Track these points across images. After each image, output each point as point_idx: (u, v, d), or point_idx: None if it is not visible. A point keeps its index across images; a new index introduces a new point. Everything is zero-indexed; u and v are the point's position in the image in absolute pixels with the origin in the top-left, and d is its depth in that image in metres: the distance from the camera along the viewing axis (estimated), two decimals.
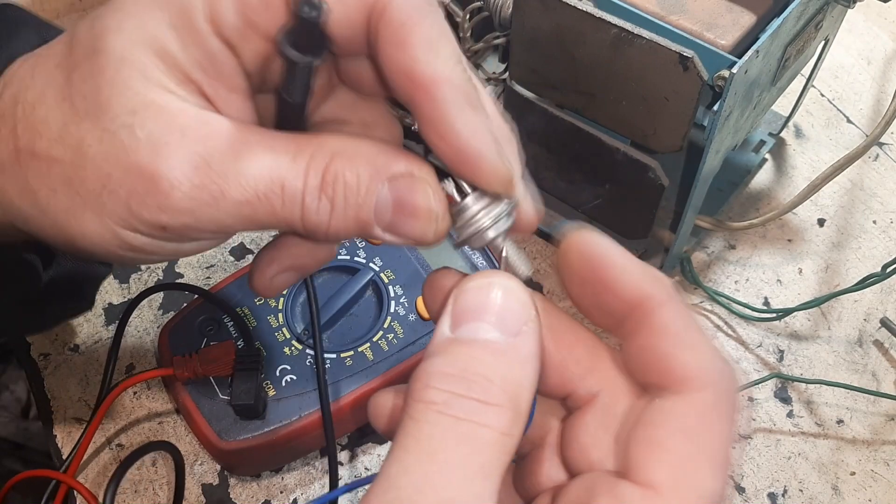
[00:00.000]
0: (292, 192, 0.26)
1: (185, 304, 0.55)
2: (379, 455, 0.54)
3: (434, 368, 0.24)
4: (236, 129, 0.27)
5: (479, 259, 0.57)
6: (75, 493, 0.50)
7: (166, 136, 0.26)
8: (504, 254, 0.27)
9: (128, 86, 0.26)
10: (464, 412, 0.23)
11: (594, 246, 0.26)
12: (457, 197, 0.27)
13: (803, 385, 0.59)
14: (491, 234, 0.27)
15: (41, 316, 0.47)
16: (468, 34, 0.59)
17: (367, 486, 0.23)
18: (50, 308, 0.47)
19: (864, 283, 0.57)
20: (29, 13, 0.38)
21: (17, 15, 0.37)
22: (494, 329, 0.25)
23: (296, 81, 0.27)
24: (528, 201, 0.29)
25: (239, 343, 0.52)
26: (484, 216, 0.27)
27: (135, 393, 0.56)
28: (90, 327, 0.59)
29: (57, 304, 0.48)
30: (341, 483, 0.52)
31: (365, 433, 0.55)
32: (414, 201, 0.27)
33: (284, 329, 0.53)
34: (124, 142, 0.26)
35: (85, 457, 0.52)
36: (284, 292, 0.54)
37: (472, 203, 0.27)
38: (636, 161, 0.53)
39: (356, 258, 0.55)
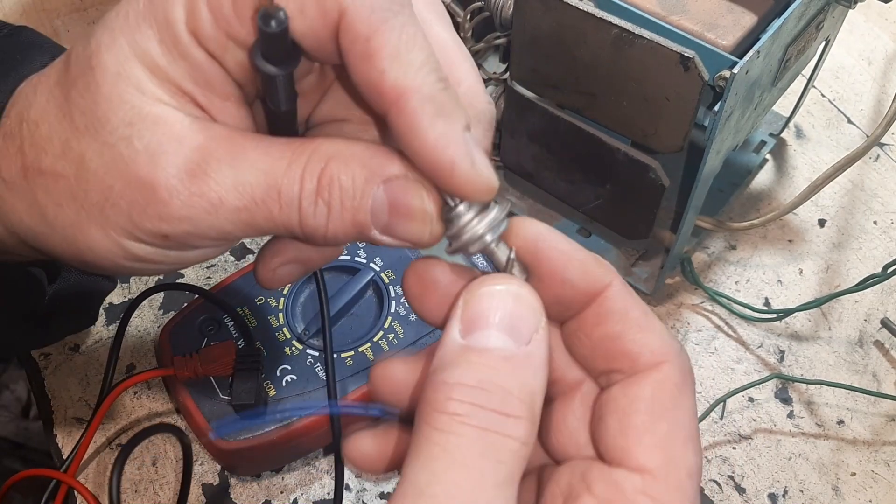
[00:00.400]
0: (289, 197, 0.27)
1: (185, 304, 0.55)
2: None
3: (453, 380, 0.24)
4: (232, 136, 0.27)
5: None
6: (75, 492, 0.50)
7: (163, 145, 0.26)
8: (511, 256, 0.27)
9: (123, 100, 0.27)
10: (487, 423, 0.24)
11: (540, 240, 0.27)
12: (450, 202, 0.27)
13: (804, 385, 0.59)
14: (482, 242, 0.27)
15: (45, 330, 0.48)
16: (469, 34, 0.59)
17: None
18: (54, 323, 0.47)
19: (864, 284, 0.57)
20: (44, 37, 0.38)
21: (32, 38, 0.37)
22: (507, 337, 0.25)
23: (277, 92, 0.27)
24: (468, 161, 0.26)
25: (239, 343, 0.52)
26: (476, 223, 0.27)
27: (135, 393, 0.56)
28: (91, 327, 0.59)
29: (61, 319, 0.48)
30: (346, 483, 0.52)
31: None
32: (408, 203, 0.27)
33: (285, 329, 0.53)
34: (123, 153, 0.26)
35: (85, 456, 0.52)
36: (285, 291, 0.54)
37: (465, 210, 0.27)
38: (637, 161, 0.53)
39: (357, 258, 0.55)
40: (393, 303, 0.54)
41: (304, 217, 0.27)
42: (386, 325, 0.53)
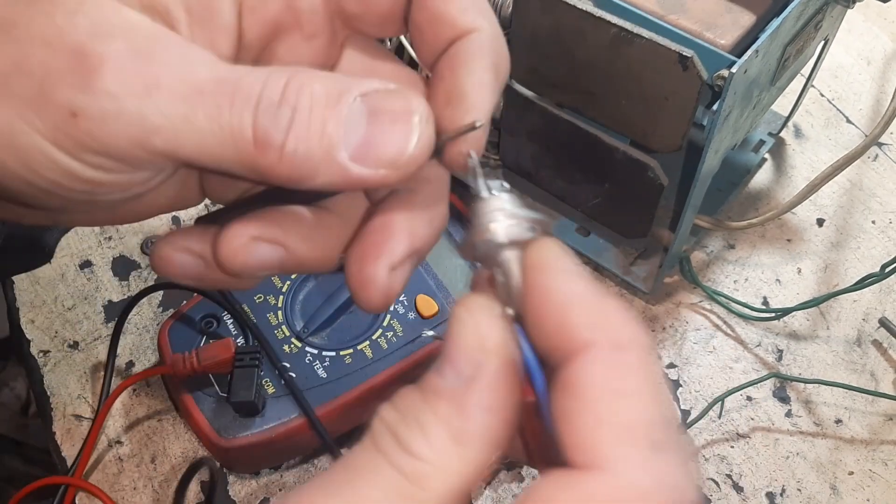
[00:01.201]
0: (247, 92, 0.22)
1: (184, 302, 0.55)
2: None
3: (395, 400, 0.22)
4: (193, 44, 0.24)
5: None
6: (76, 492, 0.50)
7: (113, 25, 0.23)
8: (506, 272, 0.23)
9: None
10: (385, 447, 0.21)
11: (538, 269, 0.22)
12: (483, 193, 0.24)
13: (802, 385, 0.59)
14: (493, 239, 0.23)
15: None
16: None
17: None
18: (4, 262, 0.44)
19: (862, 283, 0.57)
20: None
21: None
22: (449, 370, 0.22)
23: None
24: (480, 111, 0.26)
25: (238, 341, 0.52)
26: (499, 214, 0.23)
27: (134, 390, 0.56)
28: (89, 324, 0.59)
29: (12, 257, 0.45)
30: None
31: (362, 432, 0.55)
32: (392, 106, 0.23)
33: (284, 327, 0.53)
34: (58, 23, 0.22)
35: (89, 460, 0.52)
36: (284, 289, 0.54)
37: (492, 197, 0.24)
38: (635, 160, 0.53)
39: None
40: None
41: (260, 117, 0.22)
42: (385, 323, 0.53)
